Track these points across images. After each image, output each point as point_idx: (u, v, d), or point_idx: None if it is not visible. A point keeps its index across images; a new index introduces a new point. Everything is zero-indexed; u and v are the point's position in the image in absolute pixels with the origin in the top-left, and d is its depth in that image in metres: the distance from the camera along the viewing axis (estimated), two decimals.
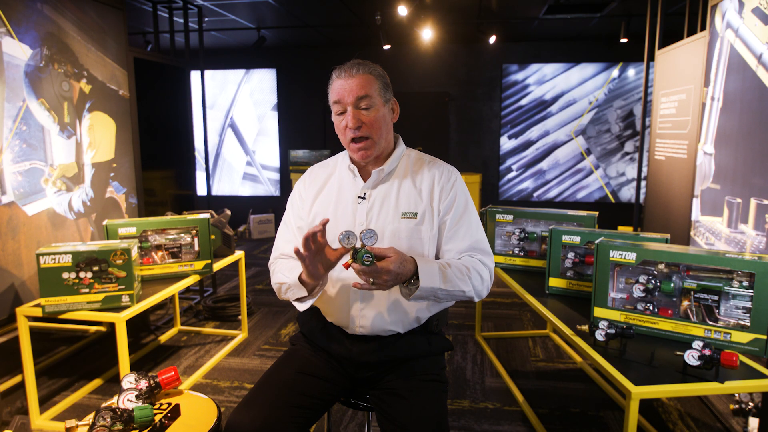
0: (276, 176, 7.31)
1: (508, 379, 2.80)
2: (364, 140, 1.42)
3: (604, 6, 4.65)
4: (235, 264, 4.46)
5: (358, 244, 1.27)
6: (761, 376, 1.49)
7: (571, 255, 2.20)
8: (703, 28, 2.86)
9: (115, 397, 1.34)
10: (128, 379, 1.37)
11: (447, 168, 1.53)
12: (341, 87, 1.41)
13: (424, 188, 1.48)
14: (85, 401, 2.61)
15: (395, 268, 1.26)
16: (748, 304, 1.58)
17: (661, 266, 1.71)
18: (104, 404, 1.33)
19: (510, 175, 6.84)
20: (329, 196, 1.53)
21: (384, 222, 1.45)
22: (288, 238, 1.58)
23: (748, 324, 1.58)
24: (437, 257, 1.51)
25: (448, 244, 1.47)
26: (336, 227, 1.47)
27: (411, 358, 1.49)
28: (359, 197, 1.48)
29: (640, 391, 1.40)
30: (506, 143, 6.76)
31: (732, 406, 2.25)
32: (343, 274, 1.47)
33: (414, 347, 1.49)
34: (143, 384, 1.40)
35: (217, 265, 2.93)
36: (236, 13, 4.97)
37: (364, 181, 1.50)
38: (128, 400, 1.30)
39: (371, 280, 1.26)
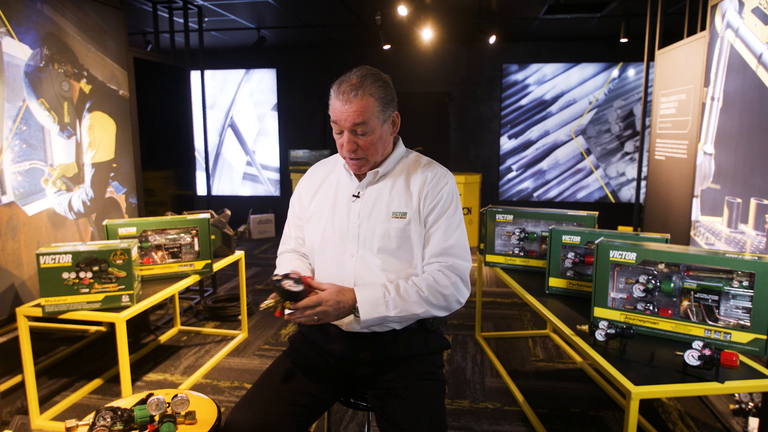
0: (276, 176, 7.31)
1: (508, 379, 2.80)
2: (359, 159, 1.46)
3: (604, 6, 4.65)
4: (235, 264, 4.46)
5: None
6: (761, 376, 1.49)
7: (571, 255, 2.20)
8: (703, 28, 2.86)
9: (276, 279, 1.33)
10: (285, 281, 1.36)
11: (440, 171, 1.52)
12: (339, 110, 1.40)
13: (414, 189, 1.49)
14: (85, 401, 2.61)
15: (333, 297, 1.34)
16: (748, 304, 1.58)
17: (661, 266, 1.71)
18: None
19: (510, 175, 6.84)
20: (327, 193, 1.56)
21: (375, 221, 1.47)
22: (288, 234, 1.67)
23: (748, 324, 1.58)
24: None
25: (425, 248, 1.49)
26: (332, 224, 1.51)
27: (408, 357, 1.49)
28: (354, 195, 1.51)
29: (640, 391, 1.40)
30: (506, 143, 6.76)
31: (732, 406, 2.25)
32: (339, 275, 1.47)
33: (411, 345, 1.49)
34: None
35: (217, 265, 2.93)
36: (236, 13, 4.97)
37: (360, 180, 1.52)
38: (289, 285, 1.31)
39: (315, 317, 1.33)
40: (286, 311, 1.35)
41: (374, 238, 1.45)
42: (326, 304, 1.33)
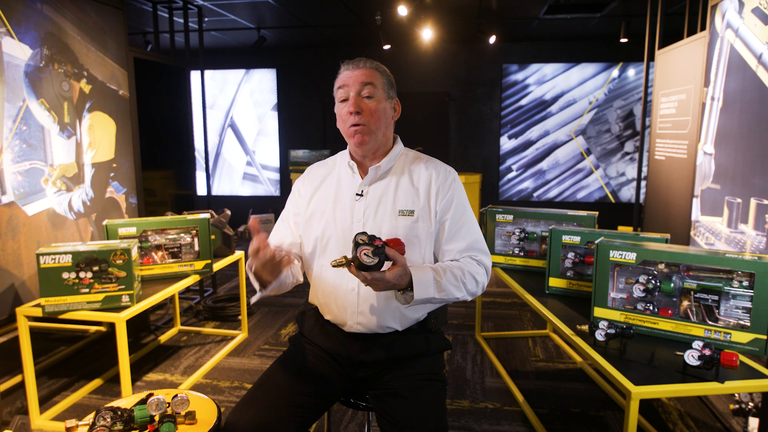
0: (276, 176, 7.31)
1: (508, 379, 2.80)
2: (361, 125, 1.44)
3: (604, 6, 4.65)
4: (235, 264, 4.46)
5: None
6: (761, 376, 1.49)
7: (571, 255, 2.20)
8: (703, 28, 2.86)
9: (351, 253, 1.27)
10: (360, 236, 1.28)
11: (444, 168, 1.54)
12: (348, 75, 1.45)
13: (421, 187, 1.49)
14: (85, 401, 2.61)
15: (393, 279, 1.29)
16: (748, 304, 1.58)
17: (661, 266, 1.71)
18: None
19: (510, 175, 6.84)
20: (327, 192, 1.54)
21: (381, 219, 1.46)
22: (281, 232, 1.61)
23: (748, 324, 1.58)
24: (435, 255, 1.52)
25: (449, 244, 1.49)
26: (334, 224, 1.49)
27: (409, 357, 1.49)
28: (357, 194, 1.50)
29: (640, 391, 1.40)
30: (506, 143, 6.76)
31: (732, 406, 2.25)
32: (340, 272, 1.47)
33: (412, 346, 1.49)
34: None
35: (217, 265, 2.93)
36: (236, 13, 4.97)
37: (362, 178, 1.51)
38: (365, 255, 1.24)
39: (368, 283, 1.28)
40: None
41: (381, 236, 1.45)
42: (385, 283, 1.28)
